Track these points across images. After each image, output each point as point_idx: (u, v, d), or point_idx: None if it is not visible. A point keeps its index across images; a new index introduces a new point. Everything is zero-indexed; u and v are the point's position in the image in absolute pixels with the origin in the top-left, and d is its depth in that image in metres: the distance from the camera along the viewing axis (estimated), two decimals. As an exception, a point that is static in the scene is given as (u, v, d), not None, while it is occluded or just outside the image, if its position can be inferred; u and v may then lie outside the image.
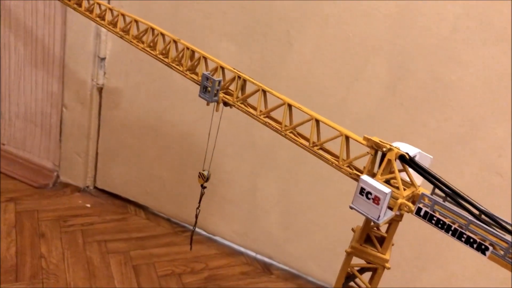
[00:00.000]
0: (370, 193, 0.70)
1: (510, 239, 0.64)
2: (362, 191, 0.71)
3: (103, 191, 2.25)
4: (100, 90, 2.03)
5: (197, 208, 1.19)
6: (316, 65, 1.65)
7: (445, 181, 0.72)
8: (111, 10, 1.17)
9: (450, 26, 1.48)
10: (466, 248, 1.73)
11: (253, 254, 2.10)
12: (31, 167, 2.23)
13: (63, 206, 2.13)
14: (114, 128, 2.09)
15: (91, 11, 1.21)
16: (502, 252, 0.65)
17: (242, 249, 2.11)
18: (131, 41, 1.12)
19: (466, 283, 1.77)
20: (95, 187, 2.26)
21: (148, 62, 1.87)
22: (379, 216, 0.70)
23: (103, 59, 1.95)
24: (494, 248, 0.67)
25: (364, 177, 0.72)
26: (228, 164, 1.95)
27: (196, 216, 1.21)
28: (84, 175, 2.21)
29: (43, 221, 2.02)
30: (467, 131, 1.57)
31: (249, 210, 2.01)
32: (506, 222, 0.68)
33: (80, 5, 1.24)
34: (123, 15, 1.14)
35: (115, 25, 1.17)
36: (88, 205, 2.17)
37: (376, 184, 0.70)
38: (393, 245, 0.86)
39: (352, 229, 0.86)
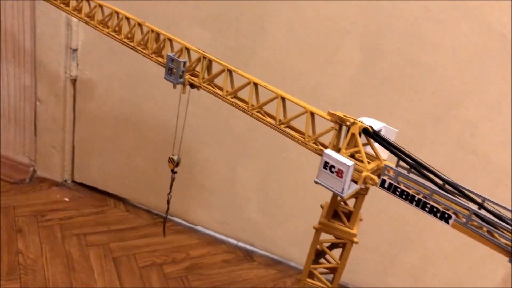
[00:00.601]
0: (334, 167, 0.70)
1: (472, 207, 0.64)
2: (325, 165, 0.71)
3: (81, 184, 2.22)
4: (74, 82, 2.00)
5: (169, 194, 1.18)
6: (289, 49, 1.64)
7: (409, 153, 0.72)
8: (75, -5, 1.14)
9: (422, 6, 1.48)
10: (444, 229, 1.75)
11: (234, 242, 2.10)
12: (6, 162, 2.19)
13: (40, 201, 2.10)
14: (90, 120, 2.06)
15: (55, -2, 1.18)
16: (464, 220, 0.65)
17: (224, 238, 2.10)
18: (96, 26, 1.10)
19: (445, 262, 1.79)
20: (73, 181, 2.23)
21: (121, 51, 1.85)
22: (343, 189, 0.69)
23: (75, 50, 1.92)
24: (457, 216, 0.67)
25: (327, 151, 0.71)
26: (206, 152, 1.94)
27: (168, 202, 1.20)
28: (61, 169, 2.18)
29: (20, 217, 1.99)
30: (440, 111, 1.58)
31: (229, 198, 2.00)
32: (469, 191, 0.68)
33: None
34: (87, 0, 1.11)
35: (79, 11, 1.14)
36: (66, 199, 2.14)
37: (339, 157, 0.70)
38: (361, 220, 0.86)
39: (321, 206, 0.86)
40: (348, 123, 0.74)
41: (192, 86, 0.95)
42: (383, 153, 0.78)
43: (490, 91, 1.51)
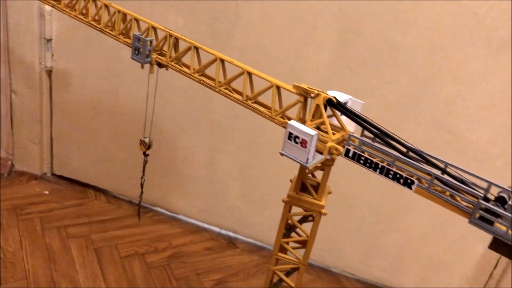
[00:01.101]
0: (298, 137, 0.70)
1: (434, 172, 0.65)
2: (290, 136, 0.71)
3: (61, 177, 2.20)
4: (49, 73, 1.97)
5: (142, 177, 1.17)
6: (265, 33, 1.64)
7: (373, 122, 0.72)
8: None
9: (393, -14, 1.48)
10: (422, 209, 1.76)
11: (217, 229, 2.09)
12: (-16, 157, 2.16)
13: (19, 195, 2.07)
14: (67, 111, 2.04)
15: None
16: (427, 185, 0.66)
17: (206, 226, 2.10)
18: (63, 10, 1.09)
19: (425, 242, 1.81)
20: (53, 174, 2.21)
21: (96, 40, 1.83)
22: (307, 159, 0.69)
23: (49, 40, 1.89)
24: (420, 182, 0.67)
25: (291, 122, 0.71)
26: (185, 140, 1.93)
27: (142, 186, 1.19)
28: (40, 162, 2.16)
29: (-1, 211, 1.96)
30: (416, 91, 1.59)
31: (210, 186, 1.99)
32: (432, 157, 0.68)
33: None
34: (53, -17, 1.10)
35: (46, -6, 1.13)
36: (46, 192, 2.12)
37: (303, 128, 0.70)
38: (330, 193, 0.86)
39: (290, 180, 0.86)
40: (312, 95, 0.74)
41: (160, 65, 0.95)
42: (350, 125, 0.79)
43: (464, 70, 1.52)
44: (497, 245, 0.62)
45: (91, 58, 1.89)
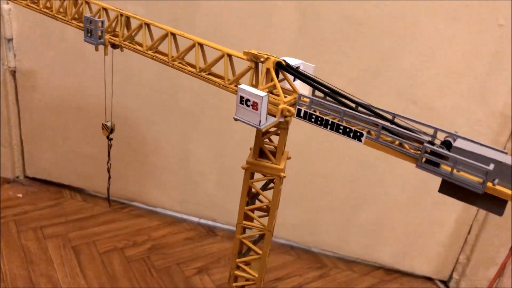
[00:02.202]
0: (249, 100, 0.71)
1: (381, 122, 0.66)
2: (241, 100, 0.71)
3: (34, 179, 2.18)
4: (13, 73, 1.94)
5: (108, 162, 1.17)
6: (226, 17, 1.64)
7: (323, 82, 0.73)
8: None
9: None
10: (394, 182, 1.78)
11: (196, 219, 2.10)
12: (-47, 164, 2.12)
13: (-9, 200, 2.05)
14: (35, 111, 2.01)
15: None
16: (375, 136, 0.67)
17: (185, 216, 2.10)
18: (14, 0, 1.07)
19: (399, 214, 1.84)
20: (26, 177, 2.18)
21: (57, 36, 1.82)
22: (260, 121, 0.70)
23: (10, 40, 1.87)
24: (369, 133, 0.69)
25: (242, 85, 0.72)
26: (156, 131, 1.93)
27: (108, 171, 1.18)
28: (11, 166, 2.13)
29: (-29, 217, 1.94)
30: (378, 65, 1.61)
31: (186, 176, 1.99)
32: (380, 109, 0.70)
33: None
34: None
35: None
36: (20, 195, 2.09)
37: (253, 90, 0.70)
38: (289, 158, 0.88)
39: (250, 148, 0.87)
40: (262, 59, 0.75)
41: (114, 46, 0.94)
42: (305, 90, 0.80)
43: (424, 40, 1.54)
44: (445, 188, 0.64)
45: (54, 55, 1.87)
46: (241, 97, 0.71)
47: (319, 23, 1.60)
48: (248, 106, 0.70)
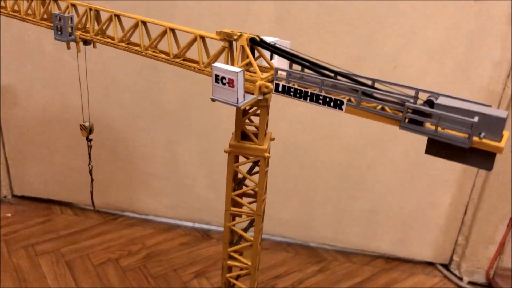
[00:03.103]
0: (224, 78, 0.69)
1: (359, 87, 0.65)
2: (217, 78, 0.69)
3: (23, 197, 2.14)
4: (-7, 90, 1.91)
5: (89, 164, 1.14)
6: (203, 14, 1.63)
7: (299, 54, 0.72)
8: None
9: None
10: (385, 167, 1.76)
11: (190, 224, 2.07)
12: None
13: (-20, 221, 2.00)
14: (18, 128, 1.98)
15: None
16: (354, 101, 0.65)
17: (178, 222, 2.07)
18: (-19, 6, 1.05)
19: (394, 200, 1.82)
20: (14, 195, 2.14)
21: (34, 50, 1.79)
22: (237, 98, 0.68)
23: (-13, 57, 1.84)
24: (350, 101, 0.67)
25: (215, 64, 0.70)
26: (143, 138, 1.90)
27: (90, 173, 1.16)
28: (-3, 185, 2.09)
29: (-42, 241, 1.89)
30: (360, 50, 1.60)
31: (176, 180, 1.97)
32: (359, 76, 0.68)
33: None
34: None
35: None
36: (9, 215, 2.05)
37: (227, 67, 0.68)
38: (273, 139, 0.85)
39: (232, 133, 0.84)
40: (235, 37, 0.73)
41: (86, 42, 0.92)
42: (282, 66, 0.78)
43: (403, 23, 1.54)
44: (432, 148, 0.62)
45: (32, 69, 1.85)
46: (216, 76, 0.69)
47: (297, 13, 1.59)
48: (224, 84, 0.68)
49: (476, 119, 0.56)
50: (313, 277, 1.84)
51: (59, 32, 0.90)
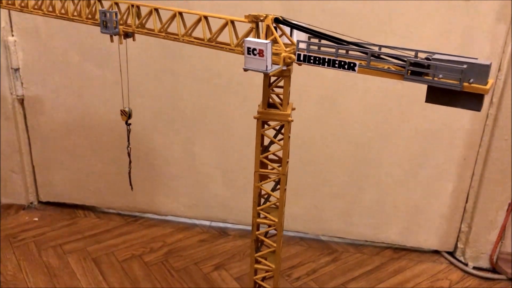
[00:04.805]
0: (255, 49, 0.82)
1: (370, 50, 0.78)
2: (248, 50, 0.83)
3: (48, 203, 2.26)
4: (21, 101, 2.06)
5: (128, 146, 1.28)
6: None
7: (315, 28, 0.86)
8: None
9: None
10: (391, 160, 1.88)
11: (207, 223, 2.18)
12: (-31, 197, 2.21)
13: (10, 226, 2.12)
14: (44, 136, 2.12)
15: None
16: (365, 63, 0.79)
17: (196, 221, 2.19)
18: (31, 11, 1.20)
19: (400, 190, 1.94)
20: (40, 202, 2.26)
21: (61, 62, 1.95)
22: (266, 66, 0.82)
23: (17, 70, 1.99)
24: (361, 63, 0.80)
25: (247, 38, 0.84)
26: (162, 140, 2.03)
27: (129, 155, 1.29)
28: (25, 192, 2.21)
29: (-8, 243, 2.01)
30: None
31: (193, 180, 2.09)
32: (368, 43, 0.82)
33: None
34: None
35: (12, 3, 1.24)
36: (36, 219, 2.17)
37: (257, 40, 0.82)
38: (294, 109, 0.99)
39: (258, 105, 0.98)
40: (262, 18, 0.87)
41: (127, 35, 1.07)
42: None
43: (400, 23, 1.69)
44: (430, 96, 0.75)
45: (58, 80, 1.99)
46: (248, 48, 0.83)
47: (302, 16, 1.73)
48: (255, 54, 0.82)
49: (465, 66, 0.70)
50: (326, 267, 1.94)
51: (105, 27, 1.04)
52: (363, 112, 1.82)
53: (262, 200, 1.04)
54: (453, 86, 0.71)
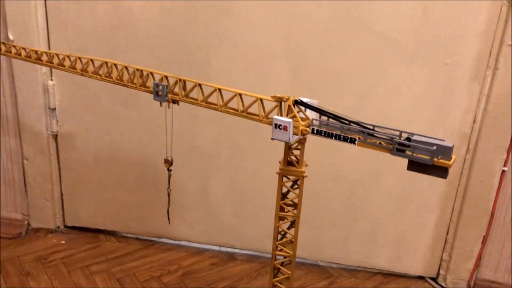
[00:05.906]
0: (281, 125, 1.10)
1: (366, 130, 1.06)
2: (275, 125, 1.11)
3: (73, 227, 2.50)
4: (55, 137, 2.32)
5: (168, 188, 1.54)
6: (233, 76, 2.06)
7: (326, 110, 1.14)
8: (56, 54, 1.52)
9: None
10: (384, 195, 2.15)
11: (217, 248, 2.43)
12: (3, 222, 2.44)
13: (40, 248, 2.36)
14: (74, 168, 2.37)
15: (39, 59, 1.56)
16: (362, 138, 1.07)
17: (207, 246, 2.44)
18: (90, 76, 1.47)
19: (389, 223, 2.21)
20: (66, 226, 2.50)
21: (93, 104, 2.22)
22: (289, 138, 1.10)
23: (53, 109, 2.25)
24: (360, 138, 1.08)
25: (275, 116, 1.12)
26: (179, 173, 2.28)
27: (168, 195, 1.55)
28: (53, 217, 2.46)
29: (25, 263, 2.24)
30: (357, 102, 2.03)
31: (206, 210, 2.35)
32: (365, 123, 1.10)
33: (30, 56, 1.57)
34: (79, 58, 1.49)
35: (73, 67, 1.51)
36: (63, 242, 2.41)
37: (283, 118, 1.10)
38: (307, 165, 1.26)
39: (279, 162, 1.25)
40: (285, 99, 1.15)
41: (174, 102, 1.34)
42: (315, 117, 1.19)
43: (390, 81, 1.97)
44: (411, 166, 1.03)
45: (90, 120, 2.26)
46: (275, 124, 1.11)
47: (308, 75, 2.03)
48: (280, 129, 1.10)
49: (434, 147, 0.98)
50: (324, 289, 2.20)
51: (157, 95, 1.32)
52: (358, 155, 2.10)
53: (279, 236, 1.31)
54: (426, 161, 0.99)
